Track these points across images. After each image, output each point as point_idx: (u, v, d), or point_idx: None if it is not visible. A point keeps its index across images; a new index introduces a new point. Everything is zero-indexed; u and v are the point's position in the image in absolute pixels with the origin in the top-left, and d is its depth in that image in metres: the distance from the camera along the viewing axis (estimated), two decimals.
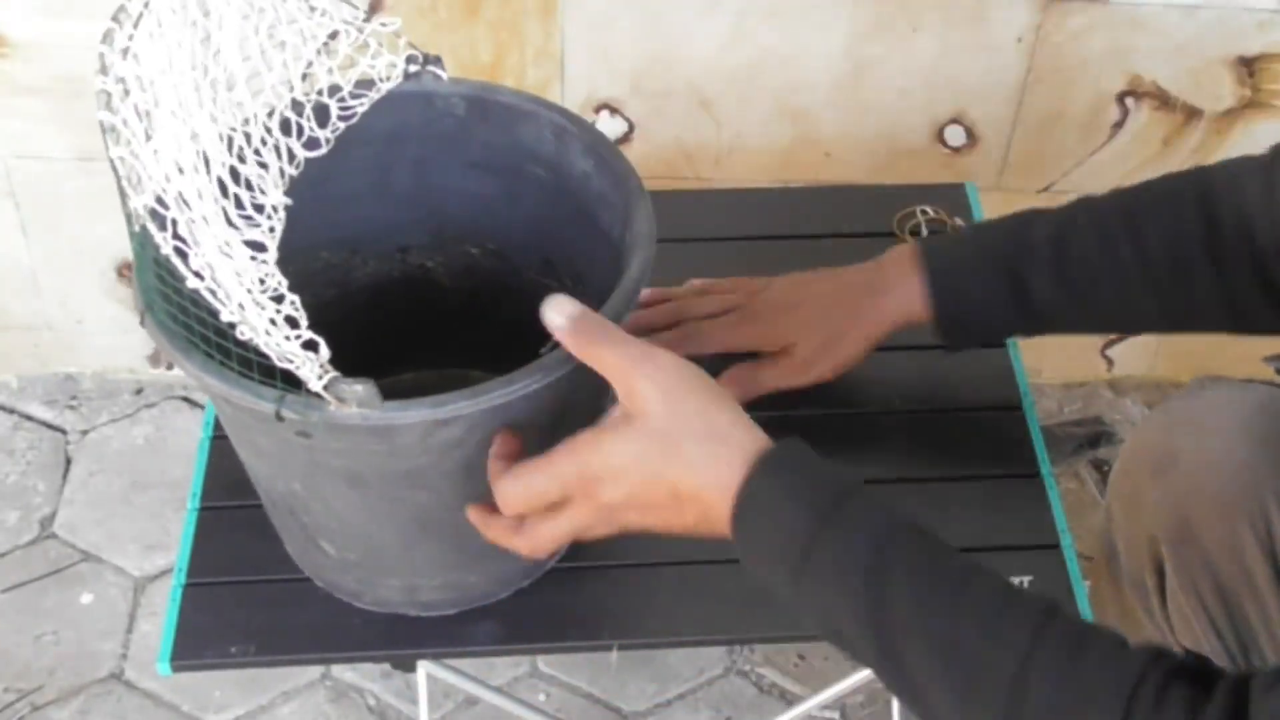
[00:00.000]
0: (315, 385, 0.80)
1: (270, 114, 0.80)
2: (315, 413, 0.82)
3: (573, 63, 1.55)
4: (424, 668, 1.23)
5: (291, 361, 0.79)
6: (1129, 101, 1.59)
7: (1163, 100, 1.59)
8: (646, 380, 0.81)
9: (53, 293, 1.77)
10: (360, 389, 0.81)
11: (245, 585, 1.05)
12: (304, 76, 0.83)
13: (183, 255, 0.78)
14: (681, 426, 0.80)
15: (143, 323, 0.86)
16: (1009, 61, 1.56)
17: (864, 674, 1.25)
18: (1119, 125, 1.61)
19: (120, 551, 1.71)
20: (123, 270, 1.74)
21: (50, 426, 1.84)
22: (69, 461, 1.80)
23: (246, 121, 0.79)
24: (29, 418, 1.85)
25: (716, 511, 0.81)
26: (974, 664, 0.75)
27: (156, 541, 1.72)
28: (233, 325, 0.79)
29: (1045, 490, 1.10)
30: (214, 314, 0.80)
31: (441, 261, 1.10)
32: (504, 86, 1.03)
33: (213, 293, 0.78)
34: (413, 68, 0.93)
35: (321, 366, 0.80)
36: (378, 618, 1.04)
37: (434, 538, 0.97)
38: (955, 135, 1.62)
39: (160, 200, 0.77)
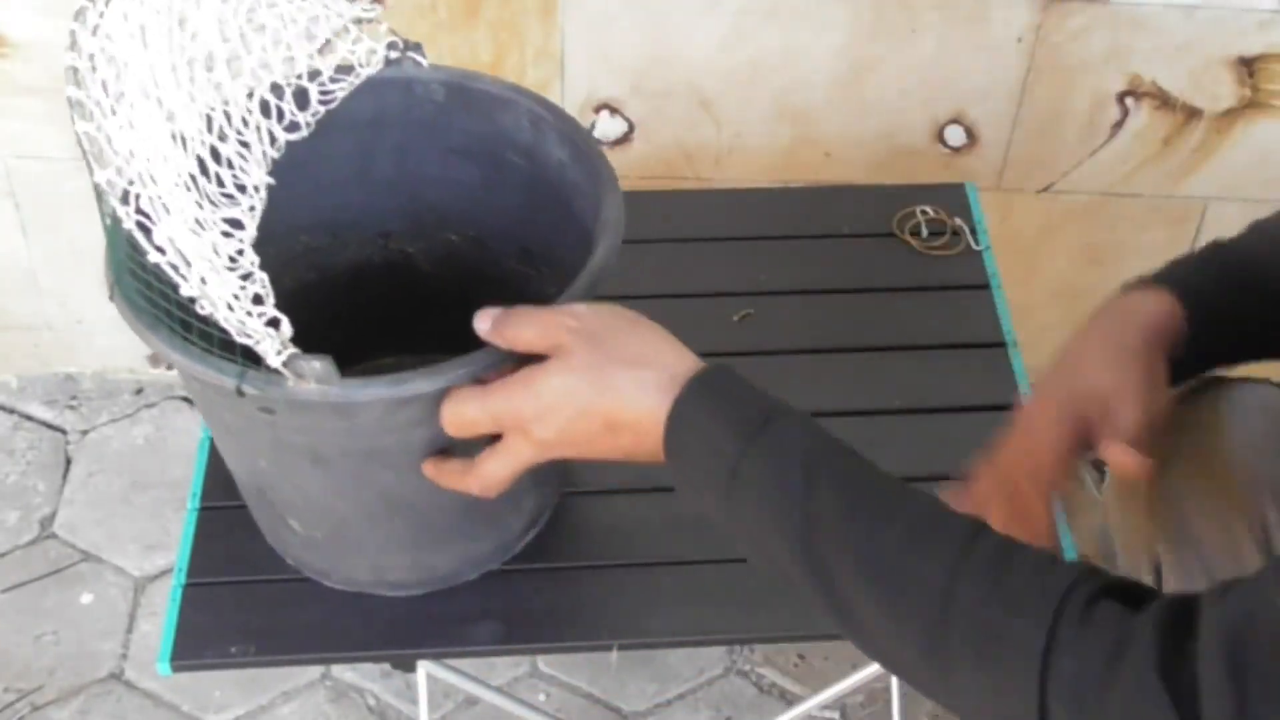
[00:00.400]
0: (274, 361, 0.81)
1: (250, 95, 0.81)
2: (275, 389, 0.83)
3: (573, 63, 1.55)
4: (424, 668, 1.23)
5: (250, 337, 0.80)
6: (1129, 101, 1.59)
7: (1163, 100, 1.59)
8: (565, 329, 0.82)
9: (53, 293, 1.77)
10: (318, 365, 0.81)
11: (245, 585, 1.06)
12: (285, 60, 0.84)
13: (146, 230, 0.79)
14: (606, 357, 0.82)
15: (111, 296, 0.87)
16: (1009, 61, 1.56)
17: (864, 674, 1.25)
18: (1119, 125, 1.61)
19: (120, 551, 1.71)
20: None
21: (50, 426, 1.84)
22: (69, 461, 1.80)
23: (226, 102, 0.80)
24: (29, 418, 1.85)
25: (650, 437, 0.82)
26: (902, 578, 0.75)
27: (156, 541, 1.72)
28: (193, 300, 0.80)
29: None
30: (176, 289, 0.81)
31: (422, 247, 1.11)
32: (483, 74, 1.04)
33: (174, 268, 0.79)
34: (393, 54, 0.94)
35: (281, 343, 0.81)
36: (377, 618, 1.04)
37: (399, 517, 0.97)
38: (955, 135, 1.62)
39: (124, 176, 0.78)
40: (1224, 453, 1.09)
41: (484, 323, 0.85)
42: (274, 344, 0.80)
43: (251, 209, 0.78)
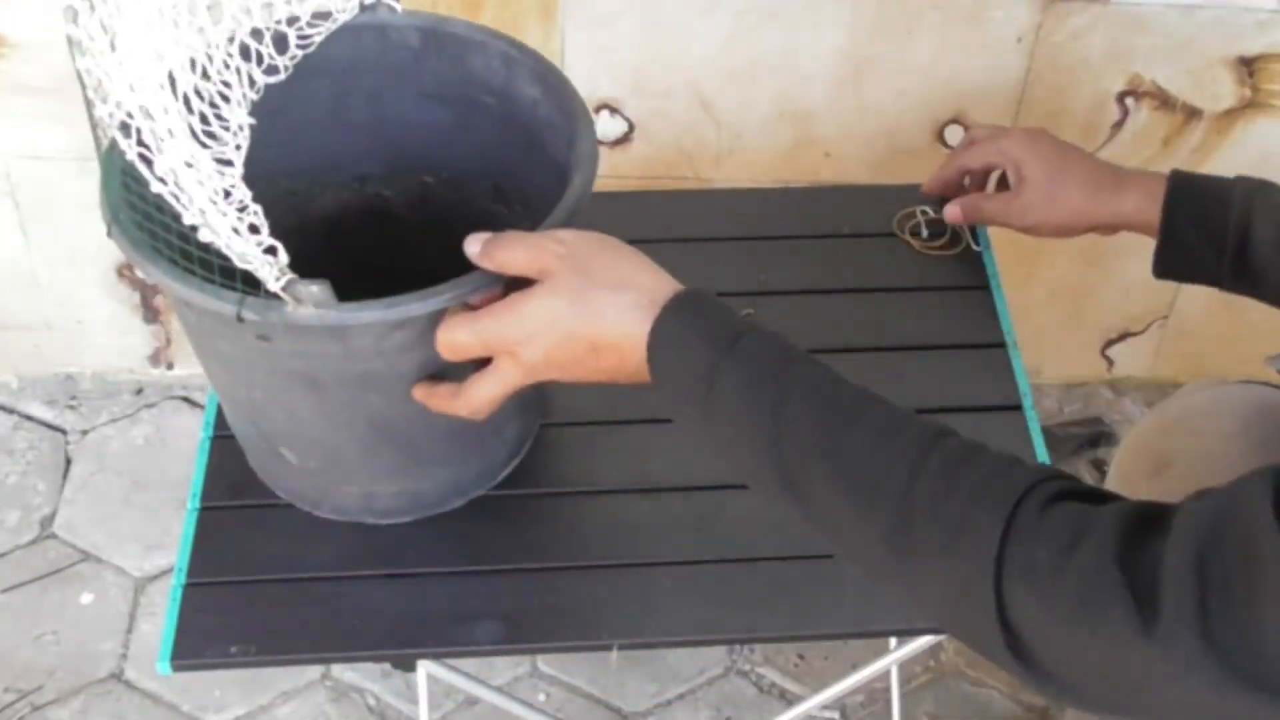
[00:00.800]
0: (274, 286, 0.84)
1: (230, 40, 0.84)
2: (274, 313, 0.85)
3: (573, 63, 1.55)
4: (424, 668, 1.23)
5: (251, 263, 0.83)
6: (1129, 101, 1.59)
7: (1163, 100, 1.59)
8: (552, 254, 0.85)
9: (53, 293, 1.77)
10: (316, 289, 0.84)
11: (245, 585, 1.06)
12: (264, 6, 0.87)
13: (147, 162, 0.81)
14: (589, 281, 0.85)
15: (109, 233, 0.90)
16: (1009, 61, 1.56)
17: (864, 674, 1.25)
18: (1119, 125, 1.61)
19: (120, 551, 1.71)
20: (122, 270, 1.74)
21: (50, 426, 1.84)
22: (69, 461, 1.80)
23: (210, 45, 0.83)
24: (29, 418, 1.85)
25: (632, 358, 0.85)
26: (868, 476, 0.78)
27: (156, 541, 1.72)
28: (195, 229, 0.82)
29: None
30: (178, 219, 0.83)
31: (398, 191, 1.13)
32: (455, 18, 1.06)
33: (176, 198, 0.81)
34: (368, 0, 0.97)
35: (280, 269, 0.83)
36: (377, 618, 1.04)
37: (389, 442, 1.00)
38: (955, 135, 1.62)
39: (124, 110, 0.80)
40: (1220, 454, 1.09)
41: (474, 246, 0.87)
42: (273, 270, 0.83)
43: (238, 148, 0.81)
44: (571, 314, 0.85)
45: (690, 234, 1.28)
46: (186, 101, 0.81)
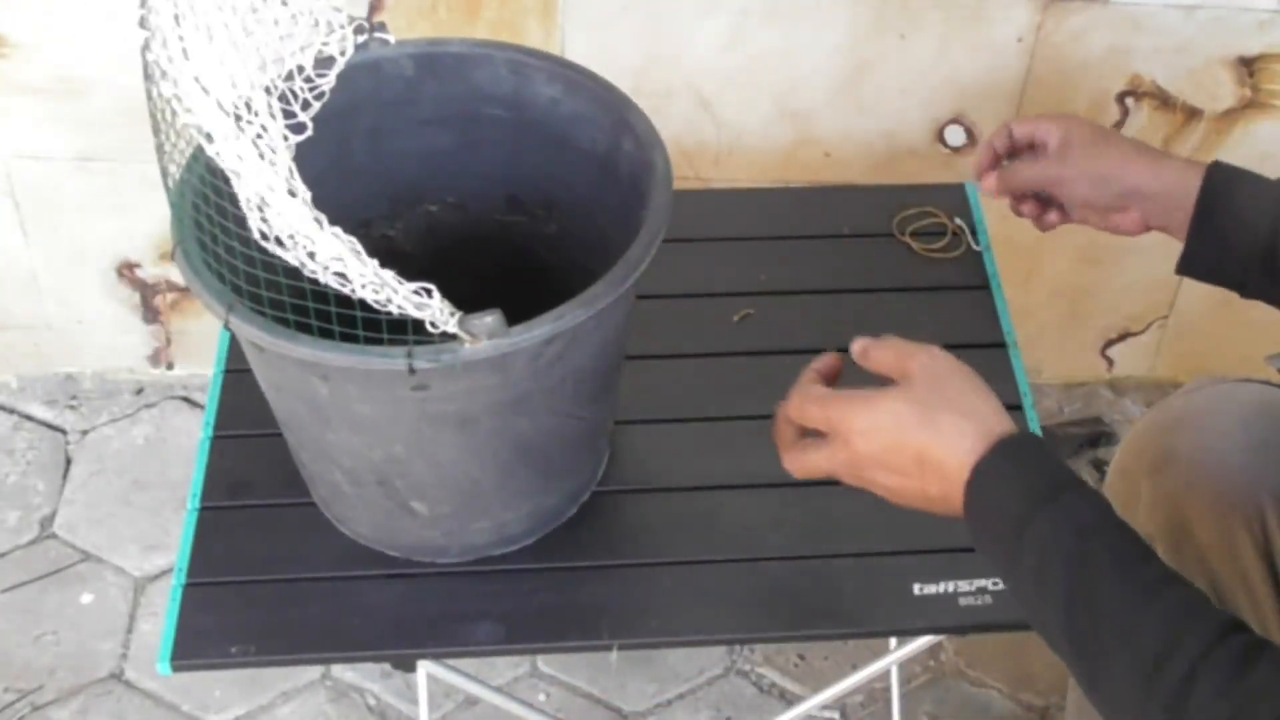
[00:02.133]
0: (450, 325, 0.84)
1: (249, 105, 0.83)
2: (447, 355, 0.85)
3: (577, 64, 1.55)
4: (424, 667, 1.23)
5: (407, 308, 0.83)
6: (1129, 101, 1.59)
7: (1163, 100, 1.59)
8: (916, 363, 0.90)
9: (53, 293, 1.77)
10: (490, 320, 0.84)
11: (245, 585, 1.06)
12: (275, 62, 0.87)
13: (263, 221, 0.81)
14: (939, 399, 0.88)
15: (226, 326, 0.89)
16: (1009, 61, 1.56)
17: (864, 674, 1.25)
18: (1119, 125, 1.61)
19: (120, 551, 1.71)
20: (122, 270, 1.74)
21: (50, 426, 1.84)
22: (69, 461, 1.80)
23: (247, 109, 0.81)
24: (29, 418, 1.84)
25: (952, 484, 0.87)
26: (1152, 659, 0.78)
27: (156, 541, 1.72)
28: (346, 287, 0.82)
29: None
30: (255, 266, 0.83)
31: (401, 228, 1.13)
32: (450, 38, 1.06)
33: (312, 255, 0.82)
34: (361, 37, 0.96)
35: (451, 308, 0.83)
36: (377, 618, 1.04)
37: (526, 465, 1.01)
38: (955, 135, 1.62)
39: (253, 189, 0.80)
40: (1221, 452, 1.09)
41: (857, 346, 0.94)
42: (441, 311, 0.83)
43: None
44: (914, 422, 0.88)
45: (690, 234, 1.28)
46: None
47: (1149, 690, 0.78)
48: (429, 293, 0.83)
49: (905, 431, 0.88)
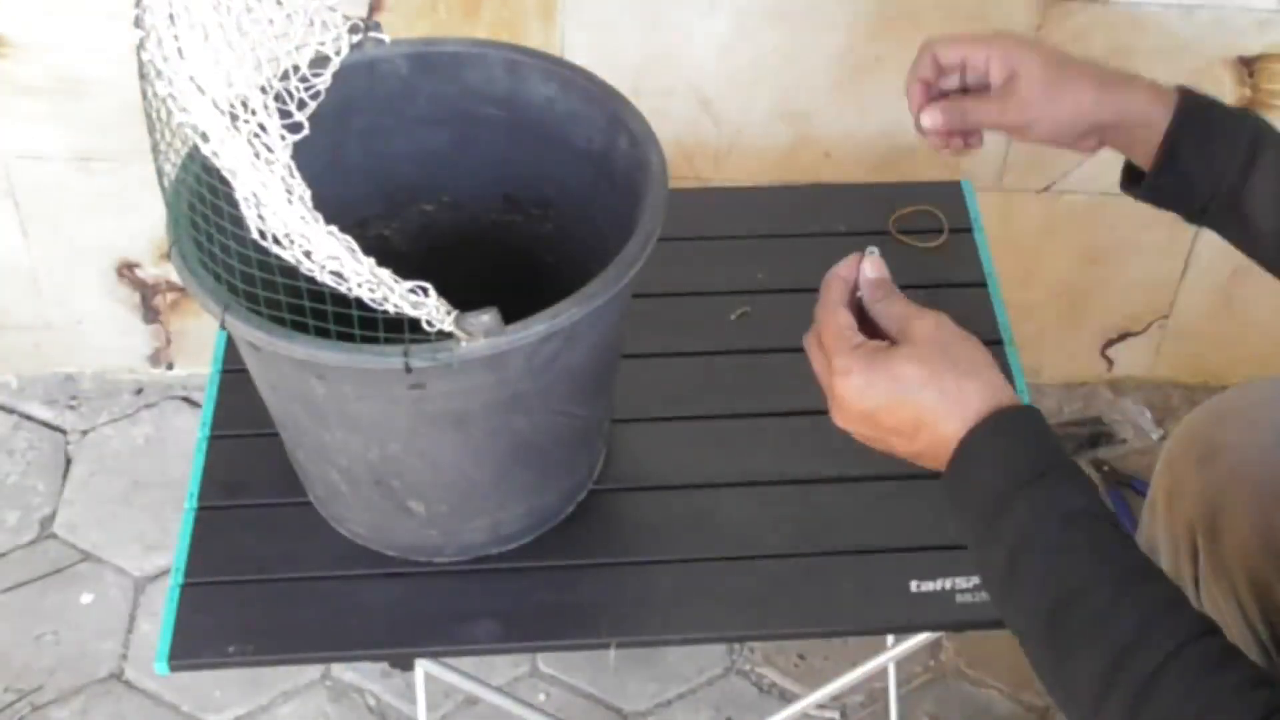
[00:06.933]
0: (446, 323, 0.84)
1: (245, 104, 0.83)
2: (444, 353, 0.85)
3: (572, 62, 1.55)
4: (421, 667, 1.22)
5: (403, 307, 0.83)
6: None
7: None
8: (927, 322, 0.88)
9: (53, 293, 1.77)
10: (487, 318, 0.84)
11: (243, 585, 1.06)
12: (270, 61, 0.87)
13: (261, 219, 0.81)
14: (949, 364, 0.86)
15: (222, 325, 0.89)
16: None
17: (863, 673, 1.25)
18: None
19: (120, 551, 1.71)
20: (122, 270, 1.74)
21: (50, 426, 1.84)
22: (69, 461, 1.80)
23: (234, 104, 0.82)
24: (29, 418, 1.85)
25: (942, 447, 0.85)
26: (1120, 651, 0.77)
27: (156, 541, 1.72)
28: (339, 279, 0.82)
29: None
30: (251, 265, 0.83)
31: (397, 227, 1.13)
32: (445, 37, 1.06)
33: (308, 255, 0.81)
34: (355, 37, 0.96)
35: (448, 307, 0.83)
36: (374, 617, 1.04)
37: (523, 464, 1.01)
38: None
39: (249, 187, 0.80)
40: (1268, 446, 1.09)
41: (871, 270, 0.93)
42: (437, 309, 0.83)
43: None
44: (918, 381, 0.85)
45: (690, 233, 1.28)
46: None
47: (1112, 680, 0.77)
48: (425, 291, 0.83)
49: (908, 392, 0.86)
